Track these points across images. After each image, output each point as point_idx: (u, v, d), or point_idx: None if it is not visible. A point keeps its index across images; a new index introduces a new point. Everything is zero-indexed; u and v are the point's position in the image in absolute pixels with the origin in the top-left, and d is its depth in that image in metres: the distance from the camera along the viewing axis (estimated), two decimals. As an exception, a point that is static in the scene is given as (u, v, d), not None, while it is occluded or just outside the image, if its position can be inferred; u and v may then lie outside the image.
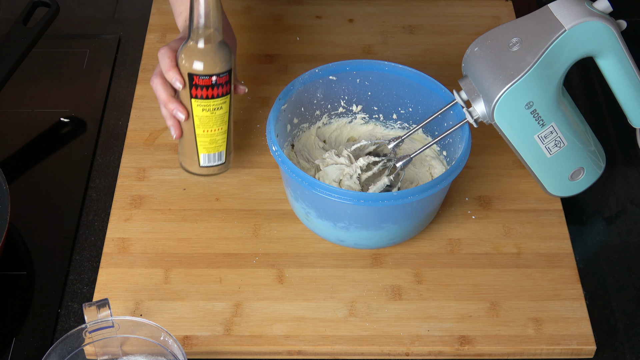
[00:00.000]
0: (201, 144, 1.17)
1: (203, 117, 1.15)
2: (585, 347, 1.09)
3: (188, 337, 1.09)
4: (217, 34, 1.11)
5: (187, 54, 1.12)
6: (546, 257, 1.17)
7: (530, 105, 1.10)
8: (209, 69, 1.12)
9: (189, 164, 1.20)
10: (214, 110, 1.14)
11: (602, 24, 1.09)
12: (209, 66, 1.12)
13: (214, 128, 1.16)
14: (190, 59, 1.12)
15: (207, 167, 1.19)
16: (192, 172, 1.20)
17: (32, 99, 1.37)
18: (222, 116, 1.15)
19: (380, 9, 1.48)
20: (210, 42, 1.11)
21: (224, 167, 1.21)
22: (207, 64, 1.12)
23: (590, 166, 1.19)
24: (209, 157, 1.18)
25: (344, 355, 1.09)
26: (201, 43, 1.11)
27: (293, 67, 1.39)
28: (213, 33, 1.11)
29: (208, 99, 1.13)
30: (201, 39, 1.11)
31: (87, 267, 1.17)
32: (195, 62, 1.12)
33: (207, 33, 1.10)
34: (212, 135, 1.16)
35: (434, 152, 1.24)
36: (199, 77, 1.12)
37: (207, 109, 1.14)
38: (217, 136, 1.17)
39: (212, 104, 1.14)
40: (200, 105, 1.14)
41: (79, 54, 1.43)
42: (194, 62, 1.12)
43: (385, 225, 1.12)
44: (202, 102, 1.14)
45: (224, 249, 1.18)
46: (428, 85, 1.20)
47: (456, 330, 1.10)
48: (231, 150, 1.20)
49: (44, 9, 1.35)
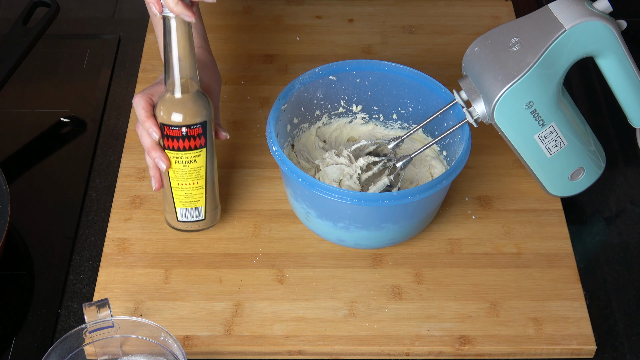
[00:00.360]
0: (177, 198, 1.13)
1: (176, 169, 1.11)
2: (585, 347, 1.09)
3: (188, 337, 1.09)
4: (192, 84, 1.08)
5: (160, 103, 1.09)
6: (546, 257, 1.17)
7: (530, 105, 1.10)
8: (178, 119, 1.08)
9: (169, 218, 1.16)
10: (186, 162, 1.10)
11: (602, 24, 1.09)
12: (178, 117, 1.08)
13: (188, 182, 1.12)
14: (161, 108, 1.09)
15: (184, 222, 1.15)
16: (173, 226, 1.16)
17: (32, 99, 1.37)
18: (196, 170, 1.11)
19: (380, 9, 1.48)
20: (183, 92, 1.07)
21: (205, 224, 1.16)
22: (177, 115, 1.08)
23: (590, 166, 1.19)
24: (185, 211, 1.14)
25: (344, 355, 1.09)
26: (176, 93, 1.07)
27: (293, 67, 1.39)
28: (186, 83, 1.07)
29: (180, 151, 1.10)
30: (174, 89, 1.07)
31: (87, 267, 1.17)
32: (163, 111, 1.08)
33: (180, 82, 1.07)
34: (187, 189, 1.12)
35: (434, 152, 1.24)
36: (168, 127, 1.08)
37: (180, 161, 1.10)
38: (193, 190, 1.13)
39: (184, 156, 1.10)
40: (173, 157, 1.10)
41: (79, 54, 1.43)
42: (162, 111, 1.08)
43: (385, 225, 1.12)
44: (174, 153, 1.10)
45: (224, 249, 1.17)
46: (428, 85, 1.20)
47: (456, 330, 1.10)
48: (217, 204, 1.16)
49: (44, 9, 1.35)
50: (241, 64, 1.40)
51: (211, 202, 1.15)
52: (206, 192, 1.14)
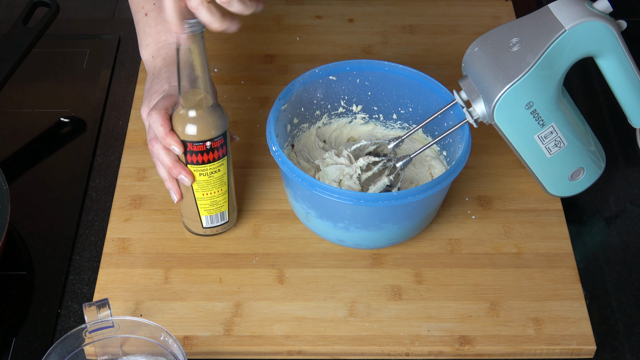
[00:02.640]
0: (202, 207, 1.14)
1: (201, 181, 1.12)
2: (585, 347, 1.09)
3: (188, 337, 1.09)
4: (209, 98, 1.08)
5: (178, 121, 1.08)
6: (546, 257, 1.17)
7: (530, 106, 1.10)
8: (202, 135, 1.08)
9: (192, 226, 1.17)
10: (211, 174, 1.11)
11: (602, 24, 1.09)
12: (202, 133, 1.08)
13: (213, 190, 1.13)
14: (181, 126, 1.08)
15: (210, 228, 1.17)
16: (196, 233, 1.18)
17: (32, 99, 1.37)
18: (220, 178, 1.12)
19: (380, 9, 1.48)
20: (201, 108, 1.07)
21: (229, 225, 1.18)
22: (200, 131, 1.08)
23: (590, 166, 1.19)
24: (211, 218, 1.16)
25: (344, 355, 1.09)
26: (192, 110, 1.07)
27: (293, 67, 1.39)
28: (204, 97, 1.07)
29: (204, 164, 1.10)
30: (192, 105, 1.07)
31: (87, 267, 1.17)
32: (187, 128, 1.08)
33: (198, 98, 1.07)
34: (212, 198, 1.14)
35: (434, 152, 1.24)
36: (192, 143, 1.09)
37: (204, 174, 1.11)
38: (218, 197, 1.14)
39: (208, 168, 1.11)
40: (197, 170, 1.11)
41: (79, 54, 1.43)
42: (186, 129, 1.08)
43: (385, 225, 1.12)
44: (199, 167, 1.10)
45: (224, 249, 1.18)
46: (428, 85, 1.20)
47: (456, 330, 1.10)
48: (234, 206, 1.18)
49: (44, 9, 1.35)
50: (241, 64, 1.40)
51: (232, 203, 1.17)
52: (229, 196, 1.15)
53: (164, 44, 1.19)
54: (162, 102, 1.11)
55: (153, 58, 1.20)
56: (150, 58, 1.20)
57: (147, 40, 1.21)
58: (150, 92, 1.15)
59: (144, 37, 1.22)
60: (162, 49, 1.19)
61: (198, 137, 1.08)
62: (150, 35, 1.21)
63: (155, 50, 1.20)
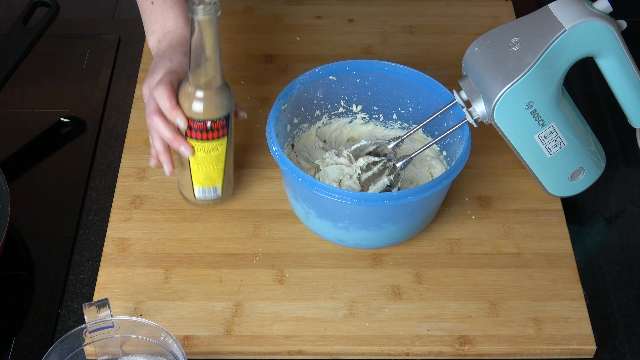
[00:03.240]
0: (196, 179, 1.15)
1: (198, 156, 1.13)
2: (585, 347, 1.09)
3: (188, 337, 1.09)
4: (218, 78, 1.09)
5: (184, 97, 1.09)
6: (546, 257, 1.17)
7: (530, 105, 1.10)
8: (205, 114, 1.09)
9: (186, 193, 1.18)
10: (208, 151, 1.12)
11: (602, 24, 1.09)
12: (205, 112, 1.09)
13: (209, 167, 1.14)
14: (187, 102, 1.09)
15: (202, 200, 1.18)
16: (189, 200, 1.19)
17: (32, 99, 1.37)
18: (217, 157, 1.13)
19: (380, 9, 1.48)
20: (209, 89, 1.08)
21: (220, 200, 1.19)
22: (204, 110, 1.09)
23: (590, 166, 1.19)
24: (203, 190, 1.17)
25: (344, 355, 1.09)
26: (199, 88, 1.08)
27: (293, 67, 1.39)
28: (213, 77, 1.08)
29: (202, 141, 1.11)
30: (199, 84, 1.08)
31: (87, 267, 1.17)
32: (192, 105, 1.09)
33: (206, 79, 1.08)
34: (207, 173, 1.15)
35: (434, 152, 1.24)
36: (194, 121, 1.10)
37: (202, 150, 1.12)
38: (213, 173, 1.15)
39: (206, 146, 1.12)
40: (195, 145, 1.12)
41: (79, 54, 1.43)
42: (192, 106, 1.09)
43: (385, 225, 1.12)
44: (197, 143, 1.11)
45: (224, 249, 1.18)
46: (428, 85, 1.20)
47: (456, 330, 1.10)
48: (231, 180, 1.18)
49: (44, 9, 1.35)
50: (241, 64, 1.40)
51: (228, 180, 1.17)
52: (224, 173, 1.16)
53: (170, 29, 1.21)
54: (167, 77, 1.12)
55: (159, 42, 1.21)
56: (157, 43, 1.22)
57: (154, 27, 1.23)
58: (153, 69, 1.16)
59: (150, 24, 1.23)
60: (168, 34, 1.21)
61: (201, 116, 1.10)
62: (157, 22, 1.22)
63: (162, 36, 1.21)
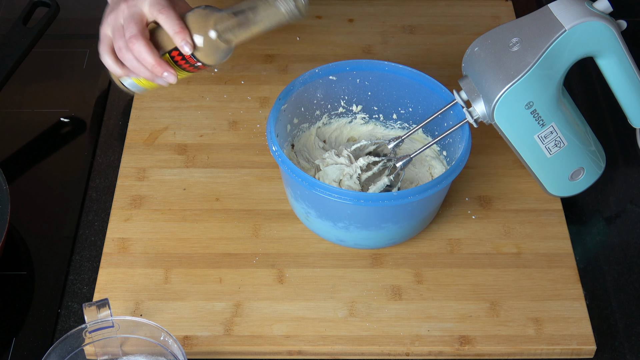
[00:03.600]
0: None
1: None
2: (585, 347, 1.09)
3: (188, 337, 1.09)
4: (236, 43, 1.10)
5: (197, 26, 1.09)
6: (546, 257, 1.17)
7: (530, 105, 1.10)
8: (203, 58, 1.11)
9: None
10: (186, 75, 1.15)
11: (602, 24, 1.09)
12: (206, 57, 1.10)
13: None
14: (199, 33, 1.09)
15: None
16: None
17: (32, 99, 1.37)
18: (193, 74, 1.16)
19: (380, 9, 1.48)
20: (225, 41, 1.09)
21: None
22: (207, 54, 1.10)
23: (590, 166, 1.19)
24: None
25: (344, 355, 1.09)
26: (219, 37, 1.09)
27: (293, 67, 1.39)
28: (235, 39, 1.09)
29: (179, 69, 1.13)
30: (223, 30, 1.09)
31: (87, 267, 1.17)
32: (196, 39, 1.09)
33: (231, 35, 1.09)
34: (150, 85, 1.16)
35: (434, 152, 1.24)
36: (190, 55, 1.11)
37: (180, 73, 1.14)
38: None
39: (184, 73, 1.14)
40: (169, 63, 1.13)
41: (79, 54, 1.43)
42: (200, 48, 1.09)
43: (385, 225, 1.12)
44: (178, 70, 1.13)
45: (224, 249, 1.18)
46: (428, 85, 1.20)
47: (456, 330, 1.10)
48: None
49: (44, 9, 1.35)
50: (241, 64, 1.40)
51: None
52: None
53: None
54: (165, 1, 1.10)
55: None
56: None
57: None
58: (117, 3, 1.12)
59: None
60: None
61: (199, 57, 1.10)
62: None
63: None
